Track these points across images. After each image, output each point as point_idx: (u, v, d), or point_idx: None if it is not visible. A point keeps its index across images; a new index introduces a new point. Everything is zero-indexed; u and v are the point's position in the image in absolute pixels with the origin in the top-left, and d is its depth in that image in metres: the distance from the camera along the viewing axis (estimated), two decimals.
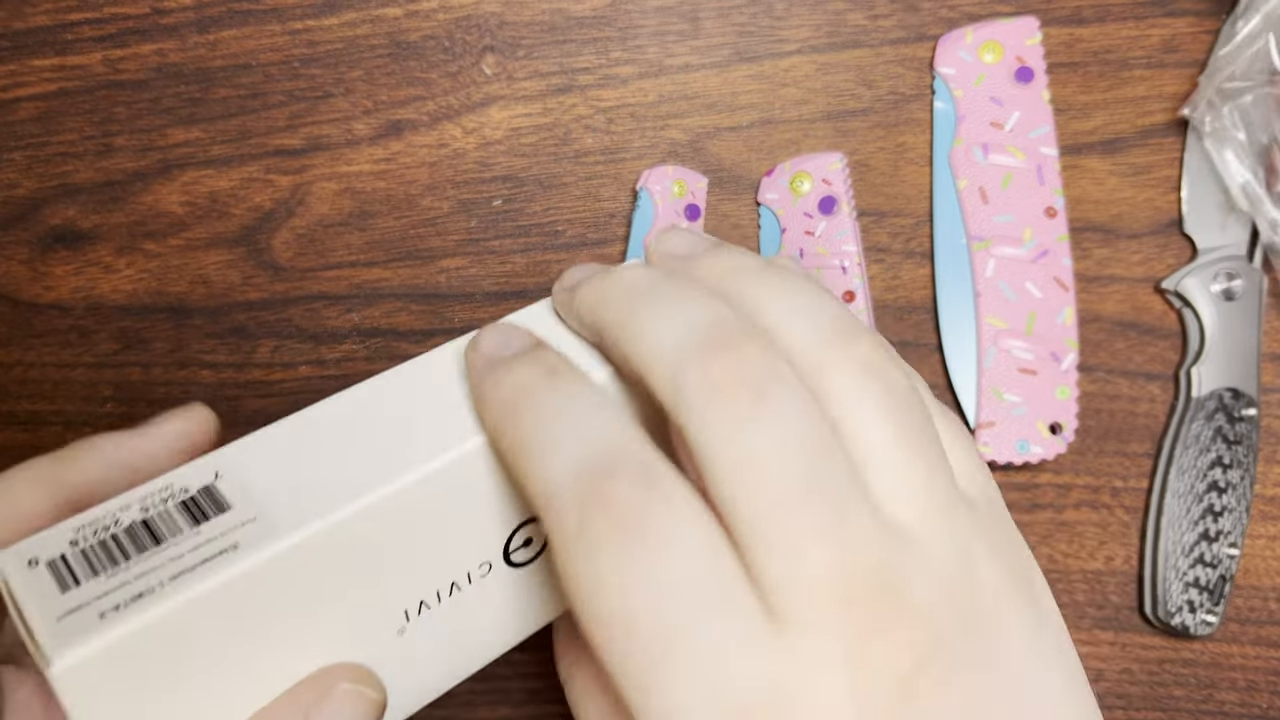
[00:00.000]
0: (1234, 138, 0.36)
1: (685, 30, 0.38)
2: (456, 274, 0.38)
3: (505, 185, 0.39)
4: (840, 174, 0.38)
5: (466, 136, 0.38)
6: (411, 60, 0.38)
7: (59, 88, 0.38)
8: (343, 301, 0.38)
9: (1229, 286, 0.37)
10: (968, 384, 0.38)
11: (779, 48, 0.38)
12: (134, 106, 0.38)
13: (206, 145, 0.38)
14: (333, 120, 0.38)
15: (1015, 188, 0.38)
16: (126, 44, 0.38)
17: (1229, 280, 0.37)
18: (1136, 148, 0.38)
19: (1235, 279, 0.37)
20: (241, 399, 0.38)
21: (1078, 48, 0.38)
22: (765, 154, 0.39)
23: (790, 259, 0.25)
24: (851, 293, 0.38)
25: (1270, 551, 0.38)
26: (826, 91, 0.38)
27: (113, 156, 0.38)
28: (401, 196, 0.38)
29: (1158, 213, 0.38)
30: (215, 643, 0.20)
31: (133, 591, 0.19)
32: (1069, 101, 0.38)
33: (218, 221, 0.38)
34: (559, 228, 0.39)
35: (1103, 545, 0.38)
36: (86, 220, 0.38)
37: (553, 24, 0.38)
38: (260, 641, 0.20)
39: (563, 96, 0.38)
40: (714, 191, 0.39)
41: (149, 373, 0.38)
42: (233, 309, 0.38)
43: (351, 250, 0.38)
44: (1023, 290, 0.37)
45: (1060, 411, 0.37)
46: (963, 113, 0.38)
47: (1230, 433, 0.37)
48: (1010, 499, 0.38)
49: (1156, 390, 0.38)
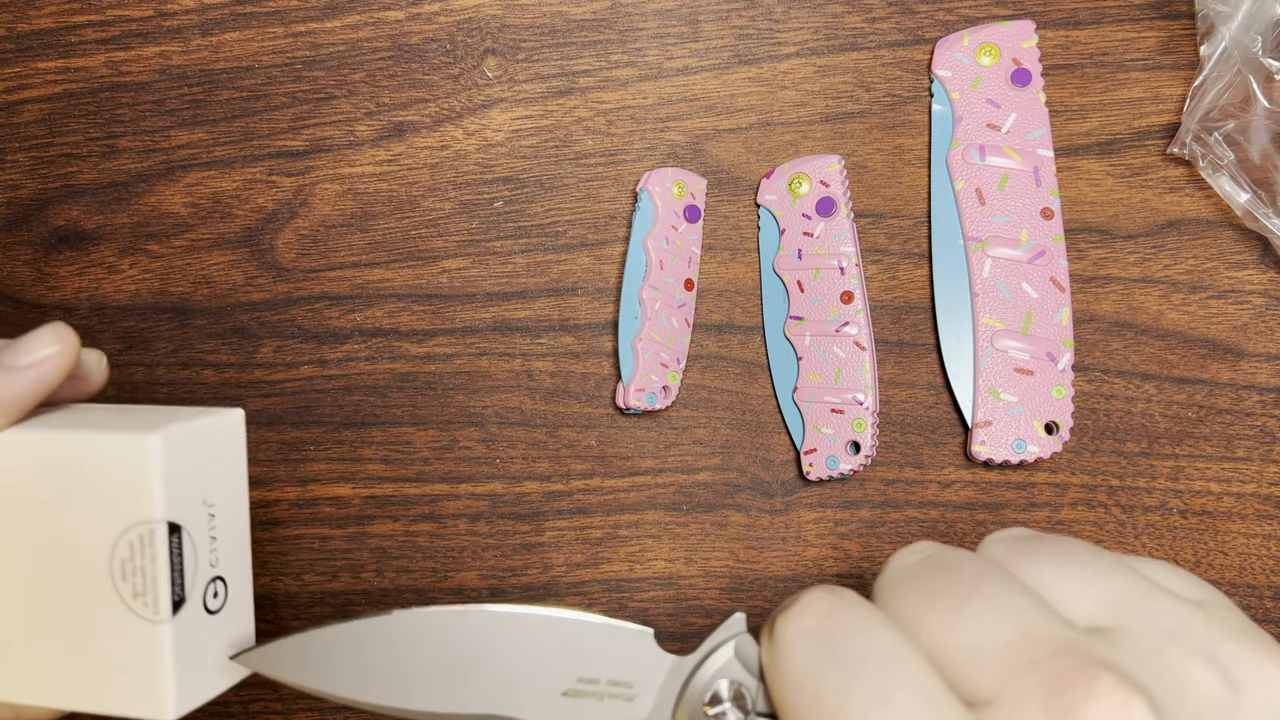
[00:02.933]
0: (1227, 163, 0.37)
1: (685, 33, 0.39)
2: (458, 274, 0.39)
3: (506, 187, 0.39)
4: (838, 175, 0.38)
5: (468, 138, 0.39)
6: (413, 63, 0.39)
7: (63, 89, 0.39)
8: (345, 302, 0.39)
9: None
10: (965, 384, 0.38)
11: (778, 51, 0.39)
12: (137, 108, 0.39)
13: (210, 147, 0.39)
14: (335, 122, 0.39)
15: (1012, 189, 0.38)
16: (130, 46, 0.39)
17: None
18: (1132, 149, 0.39)
19: None
20: (244, 398, 0.39)
21: (1074, 50, 0.39)
22: (764, 156, 0.39)
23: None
24: (849, 293, 0.38)
25: (1267, 550, 0.39)
26: (825, 94, 0.39)
27: (116, 158, 0.39)
28: (403, 198, 0.39)
29: (1153, 214, 0.39)
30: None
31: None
32: (1065, 103, 0.39)
33: (221, 222, 0.39)
34: (560, 229, 0.39)
35: (1099, 544, 0.39)
36: (90, 221, 0.39)
37: (553, 27, 0.39)
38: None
39: (563, 99, 0.39)
40: (713, 193, 0.39)
41: (152, 372, 0.39)
42: (235, 309, 0.39)
43: (354, 251, 0.39)
44: (1019, 290, 0.38)
45: (1056, 411, 0.37)
46: (960, 115, 0.38)
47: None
48: (1006, 498, 0.39)
49: (1152, 390, 0.39)
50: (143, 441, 0.25)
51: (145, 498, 0.25)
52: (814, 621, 0.21)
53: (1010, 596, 0.20)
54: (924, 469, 0.39)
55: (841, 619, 0.21)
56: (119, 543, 0.25)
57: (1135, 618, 0.20)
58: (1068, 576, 0.21)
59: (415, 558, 0.38)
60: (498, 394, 0.39)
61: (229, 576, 0.27)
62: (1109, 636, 0.19)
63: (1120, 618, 0.20)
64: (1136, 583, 0.21)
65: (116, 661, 0.25)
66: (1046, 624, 0.19)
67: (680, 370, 0.38)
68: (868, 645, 0.20)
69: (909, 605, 0.21)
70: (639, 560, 0.39)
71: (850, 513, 0.39)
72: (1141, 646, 0.19)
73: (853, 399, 0.38)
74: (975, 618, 0.20)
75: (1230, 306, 0.38)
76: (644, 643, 0.24)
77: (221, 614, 0.27)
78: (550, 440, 0.39)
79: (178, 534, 0.25)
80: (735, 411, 0.39)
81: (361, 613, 0.24)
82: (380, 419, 0.39)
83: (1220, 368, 0.38)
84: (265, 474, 0.38)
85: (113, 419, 0.27)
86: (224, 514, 0.27)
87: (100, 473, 0.25)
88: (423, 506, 0.39)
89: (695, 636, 0.39)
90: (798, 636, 0.21)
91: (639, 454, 0.39)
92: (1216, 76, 0.36)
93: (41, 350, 0.27)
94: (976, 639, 0.20)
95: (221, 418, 0.27)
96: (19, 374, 0.26)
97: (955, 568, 0.21)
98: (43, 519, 0.26)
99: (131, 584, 0.25)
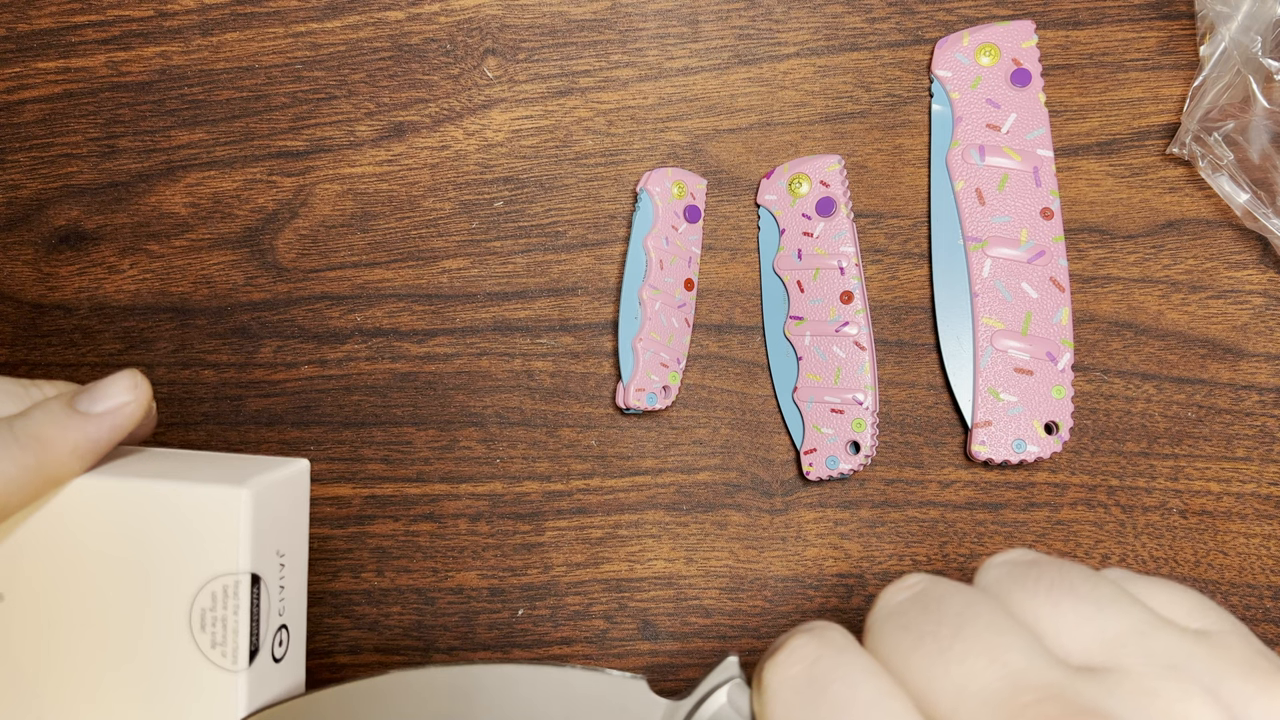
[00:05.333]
0: (1227, 163, 0.37)
1: (685, 33, 0.39)
2: (458, 274, 0.39)
3: (506, 187, 0.39)
4: (838, 176, 0.38)
5: (468, 139, 0.39)
6: (413, 63, 0.39)
7: (63, 90, 0.39)
8: (345, 302, 0.39)
9: None
10: (964, 384, 0.38)
11: (777, 51, 0.39)
12: (138, 108, 0.39)
13: (210, 147, 0.39)
14: (335, 122, 0.39)
15: (1012, 189, 0.38)
16: (130, 46, 0.39)
17: None
18: (1132, 149, 0.39)
19: None
20: (245, 399, 0.39)
21: (1074, 50, 0.39)
22: (764, 156, 0.39)
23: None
24: (849, 293, 0.38)
25: (1266, 550, 0.39)
26: (825, 94, 0.39)
27: (117, 158, 0.39)
28: (403, 198, 0.39)
29: (1153, 214, 0.39)
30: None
31: None
32: (1065, 104, 0.39)
33: (221, 223, 0.39)
34: (560, 229, 0.39)
35: (1099, 544, 0.39)
36: (90, 221, 0.39)
37: (553, 27, 0.39)
38: None
39: (563, 99, 0.39)
40: (713, 193, 0.39)
41: (153, 372, 0.39)
42: (236, 309, 0.39)
43: (354, 251, 0.39)
44: (1019, 291, 0.38)
45: (1056, 411, 0.38)
46: (959, 115, 0.38)
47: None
48: (1006, 498, 0.39)
49: (1152, 390, 0.39)
50: (232, 495, 0.25)
51: (232, 550, 0.25)
52: (798, 670, 0.21)
53: (998, 636, 0.20)
54: (924, 469, 0.39)
55: (825, 666, 0.21)
56: (200, 593, 0.25)
57: (1132, 656, 0.19)
58: (1064, 610, 0.21)
59: (415, 558, 0.39)
60: (498, 394, 0.39)
61: (291, 625, 0.28)
62: (1102, 678, 0.19)
63: (1116, 656, 0.20)
64: (1136, 617, 0.20)
65: (191, 709, 0.26)
66: (1035, 667, 0.19)
67: (680, 370, 0.38)
68: (852, 693, 0.20)
69: (898, 647, 0.21)
70: (639, 560, 0.39)
71: (850, 513, 0.39)
72: (1137, 687, 0.19)
73: (853, 399, 0.38)
74: (961, 663, 0.19)
75: (1230, 306, 0.39)
76: (637, 690, 0.24)
77: (283, 662, 0.27)
78: (550, 440, 0.39)
79: (257, 585, 0.26)
80: (735, 411, 0.39)
81: (357, 675, 0.24)
82: (380, 419, 0.39)
83: (1220, 368, 0.38)
84: None
85: (184, 467, 0.27)
86: (290, 563, 0.27)
87: (185, 523, 0.25)
88: (423, 506, 0.39)
89: (696, 636, 0.39)
90: (782, 685, 0.21)
91: (639, 454, 0.39)
92: (1216, 77, 0.36)
93: (117, 397, 0.27)
94: (962, 684, 0.19)
95: (291, 468, 0.28)
96: (96, 420, 0.26)
97: (943, 605, 0.21)
98: (120, 566, 0.26)
99: (210, 634, 0.25)
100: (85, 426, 0.26)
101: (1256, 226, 0.37)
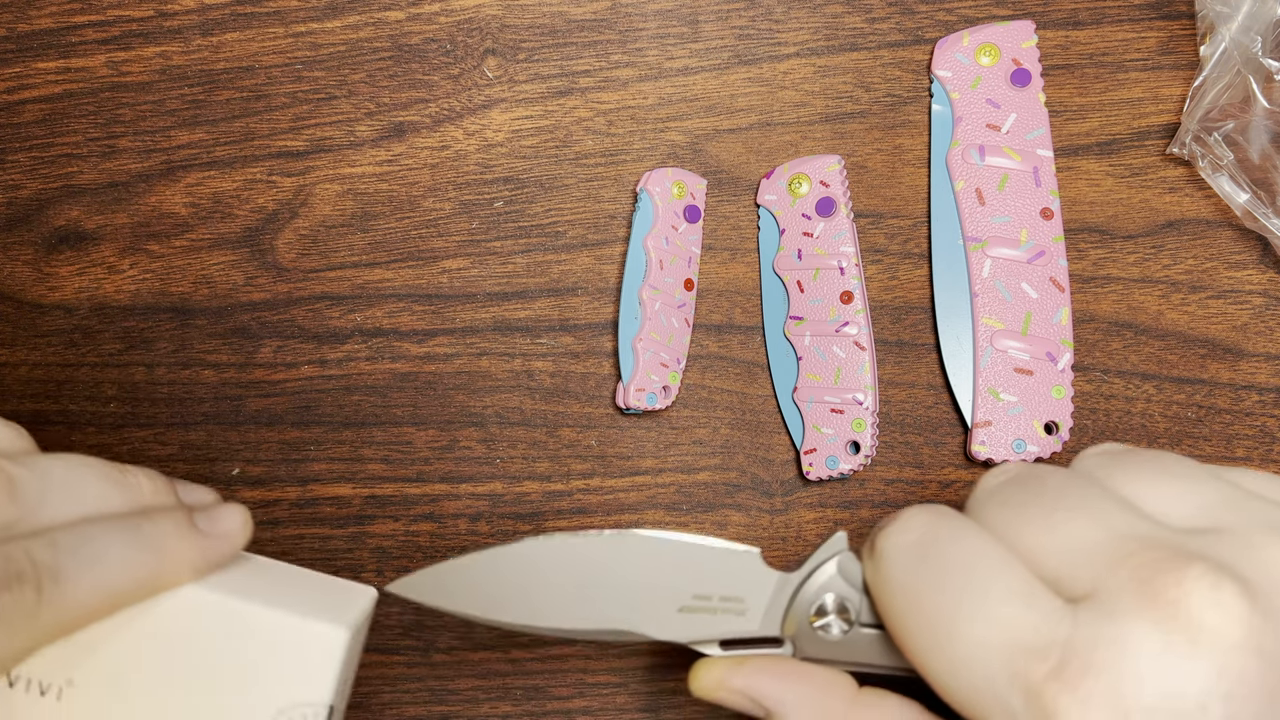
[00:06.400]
0: (1227, 163, 0.37)
1: (685, 33, 0.39)
2: (458, 275, 0.39)
3: (506, 187, 0.39)
4: (838, 176, 0.38)
5: (468, 139, 0.39)
6: (413, 63, 0.39)
7: (63, 89, 0.39)
8: (345, 302, 0.39)
9: None
10: (964, 384, 0.38)
11: (777, 51, 0.39)
12: (138, 108, 0.39)
13: (210, 147, 0.39)
14: (335, 122, 0.39)
15: (1012, 189, 0.38)
16: (130, 46, 0.39)
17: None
18: (1132, 149, 0.39)
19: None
20: (244, 399, 0.39)
21: (1074, 50, 0.39)
22: (764, 156, 0.39)
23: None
24: (849, 293, 0.38)
25: None
26: (824, 94, 0.39)
27: (117, 158, 0.39)
28: (404, 198, 0.39)
29: (1153, 214, 0.39)
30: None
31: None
32: (1065, 104, 0.39)
33: (221, 223, 0.39)
34: (560, 229, 0.39)
35: None
36: (90, 221, 0.39)
37: (553, 27, 0.39)
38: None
39: (563, 99, 0.39)
40: (713, 193, 0.39)
41: (153, 373, 0.39)
42: (236, 309, 0.39)
43: (354, 251, 0.39)
44: (1019, 291, 0.38)
45: (1056, 411, 0.38)
46: (959, 115, 0.38)
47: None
48: None
49: (1152, 390, 0.39)
50: (331, 633, 0.26)
51: (318, 682, 0.25)
52: (913, 535, 0.22)
53: (1099, 502, 0.21)
54: (924, 469, 0.39)
55: (938, 530, 0.22)
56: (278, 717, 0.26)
57: (1230, 518, 0.20)
58: (1161, 488, 0.21)
59: (415, 558, 0.39)
60: (498, 394, 0.39)
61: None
62: (1204, 536, 0.20)
63: (1216, 520, 0.20)
64: (1231, 490, 0.21)
65: None
66: (1138, 525, 0.20)
67: (680, 370, 0.38)
68: (964, 550, 0.21)
69: (1001, 518, 0.22)
70: None
71: (850, 513, 0.39)
72: (1238, 540, 0.20)
73: (853, 399, 0.38)
74: (1066, 525, 0.21)
75: (1230, 306, 0.39)
76: (751, 562, 0.26)
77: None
78: (550, 440, 0.39)
79: (331, 714, 0.26)
80: (735, 411, 0.39)
81: (494, 542, 0.26)
82: (380, 419, 0.39)
83: (1220, 368, 0.38)
84: (265, 474, 0.38)
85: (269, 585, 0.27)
86: (350, 682, 0.28)
87: (274, 649, 0.26)
88: (423, 506, 0.39)
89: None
90: (897, 549, 0.22)
91: (639, 454, 0.39)
92: (1216, 77, 0.36)
93: (232, 521, 0.27)
94: (1068, 543, 0.20)
95: (366, 599, 0.29)
96: (214, 540, 0.27)
97: (1042, 481, 0.22)
98: (199, 677, 0.26)
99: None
100: (203, 544, 0.27)
101: (1256, 226, 0.37)
